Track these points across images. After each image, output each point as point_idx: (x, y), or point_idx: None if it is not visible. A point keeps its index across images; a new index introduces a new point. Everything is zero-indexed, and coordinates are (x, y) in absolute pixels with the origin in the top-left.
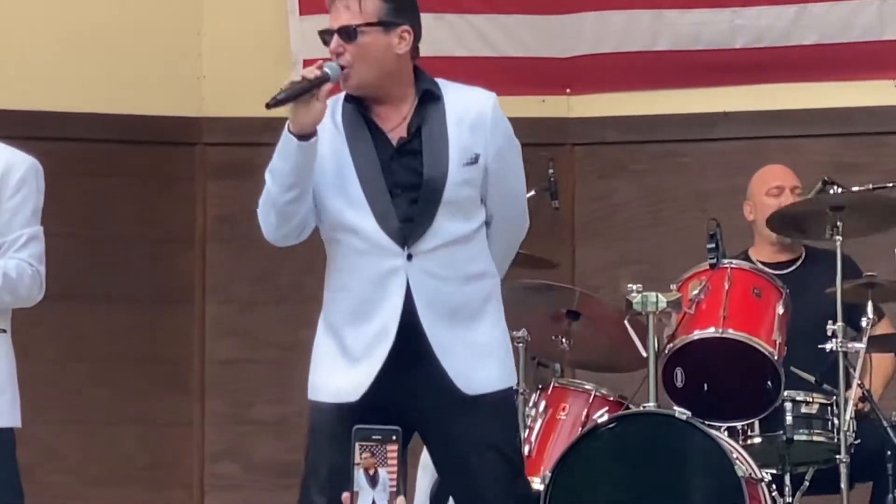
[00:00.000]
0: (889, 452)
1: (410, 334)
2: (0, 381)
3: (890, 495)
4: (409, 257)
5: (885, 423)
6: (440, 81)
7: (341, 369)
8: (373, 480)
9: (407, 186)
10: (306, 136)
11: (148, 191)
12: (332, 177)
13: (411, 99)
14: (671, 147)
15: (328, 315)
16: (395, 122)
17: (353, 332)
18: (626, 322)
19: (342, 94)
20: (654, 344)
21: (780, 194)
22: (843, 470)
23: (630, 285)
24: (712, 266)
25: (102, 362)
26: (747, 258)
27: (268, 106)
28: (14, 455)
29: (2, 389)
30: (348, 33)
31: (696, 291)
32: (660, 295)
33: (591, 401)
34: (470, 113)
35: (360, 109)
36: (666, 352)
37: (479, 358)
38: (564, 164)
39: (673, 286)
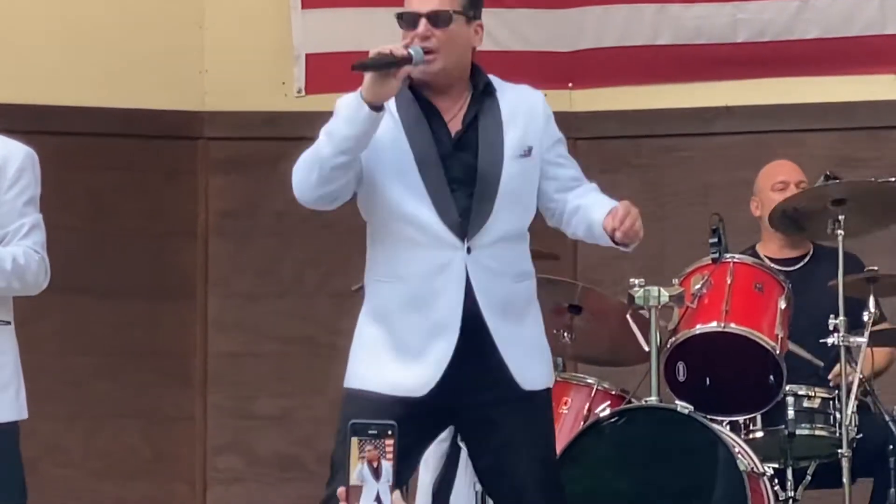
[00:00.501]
0: (891, 447)
1: (472, 328)
2: (5, 375)
3: (892, 489)
4: (469, 251)
5: (886, 418)
6: (494, 79)
7: (396, 361)
8: (376, 473)
9: (463, 180)
10: (378, 106)
11: (150, 185)
12: (390, 165)
13: (466, 93)
14: (673, 141)
15: (376, 304)
16: (452, 114)
17: (407, 323)
18: (628, 316)
19: None
20: (656, 338)
21: (785, 189)
22: (844, 464)
23: (632, 279)
24: (714, 260)
25: (105, 356)
26: (755, 253)
27: (353, 68)
28: (18, 449)
29: (7, 383)
30: (441, 18)
31: (698, 286)
32: (662, 289)
33: (593, 395)
34: (522, 107)
35: (419, 99)
36: (668, 346)
37: (530, 355)
38: None
39: (675, 280)
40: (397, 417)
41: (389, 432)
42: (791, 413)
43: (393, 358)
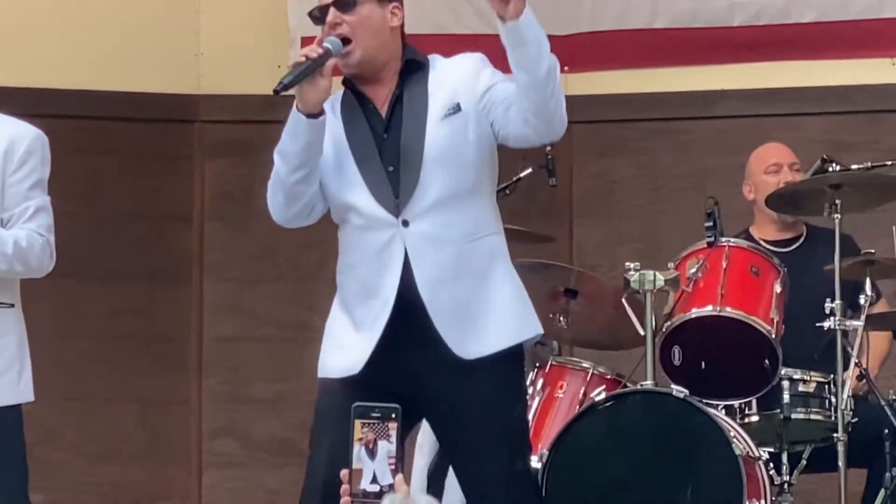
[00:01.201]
0: (886, 431)
1: (408, 302)
2: (8, 357)
3: (888, 474)
4: (406, 224)
5: (882, 403)
6: (433, 57)
7: (349, 345)
8: (372, 453)
9: (396, 159)
10: (315, 114)
11: (146, 169)
12: (331, 161)
13: (396, 73)
14: (669, 125)
15: (340, 295)
16: (383, 98)
17: (361, 310)
18: (623, 300)
19: (339, 93)
20: (651, 322)
21: (779, 171)
22: (840, 448)
23: (628, 263)
24: (710, 244)
25: (100, 340)
26: (749, 236)
27: (275, 92)
28: (20, 433)
29: (9, 365)
30: (346, 4)
31: (693, 270)
32: (657, 273)
33: (588, 379)
34: (452, 72)
35: (354, 91)
36: (663, 330)
37: (479, 321)
38: (562, 141)
39: (671, 264)
40: (344, 399)
41: (393, 415)
42: (786, 397)
43: (339, 340)
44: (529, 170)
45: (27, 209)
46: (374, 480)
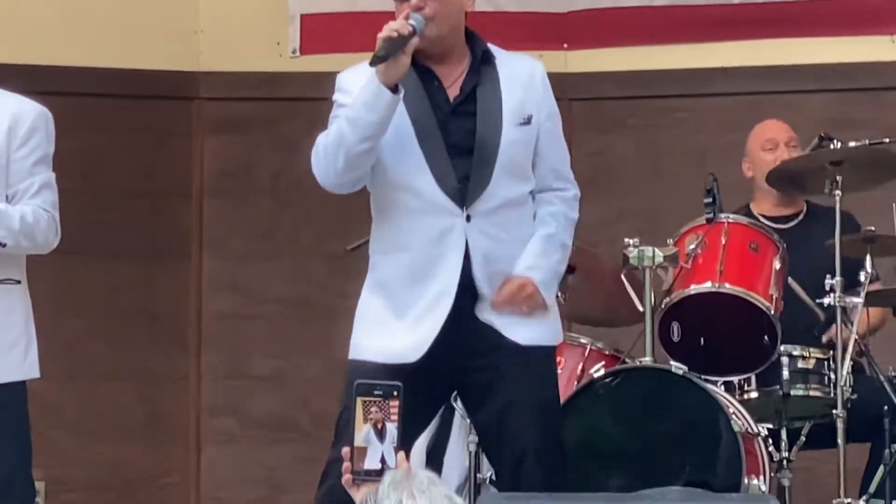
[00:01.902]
0: (886, 408)
1: (468, 295)
2: (15, 334)
3: (887, 450)
4: (468, 218)
5: (882, 379)
6: (490, 45)
7: (398, 330)
8: (381, 435)
9: (463, 148)
10: (395, 88)
11: (145, 146)
12: (390, 135)
13: (466, 60)
14: (669, 102)
15: (379, 275)
16: (450, 81)
17: (410, 293)
18: (622, 276)
19: None
20: (650, 298)
21: (776, 148)
22: (839, 425)
23: (627, 240)
24: (709, 221)
25: (99, 317)
26: (749, 212)
27: (371, 64)
28: (25, 409)
29: (15, 342)
30: None
31: (692, 246)
32: (656, 249)
33: (587, 355)
34: (522, 76)
35: (417, 67)
36: (662, 306)
37: (527, 315)
38: (562, 119)
39: (670, 241)
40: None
41: (395, 393)
42: (786, 374)
43: (391, 327)
44: None
45: (32, 185)
46: (383, 460)
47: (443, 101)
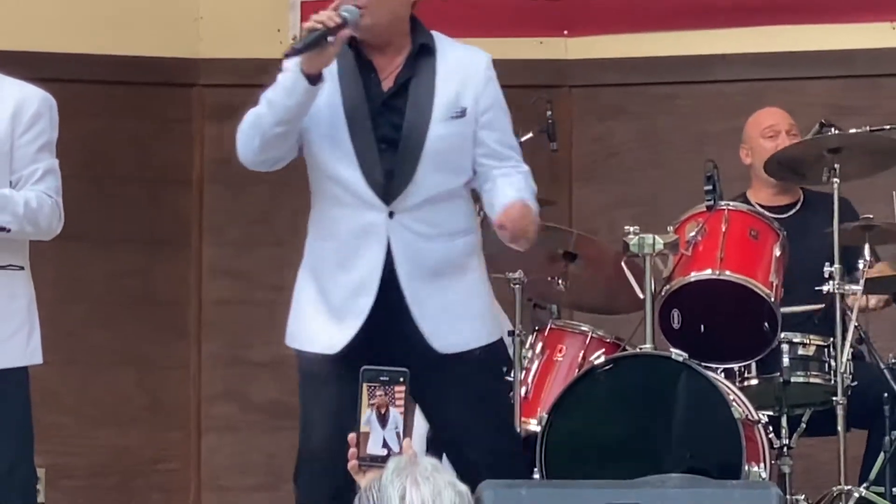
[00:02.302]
0: (886, 395)
1: (389, 291)
2: (18, 320)
3: (887, 437)
4: (391, 214)
5: (882, 367)
6: (436, 35)
7: (322, 320)
8: (383, 420)
9: (391, 141)
10: (315, 77)
11: (145, 132)
12: (323, 122)
13: (406, 51)
14: (669, 89)
15: (310, 262)
16: (387, 73)
17: (334, 283)
18: (622, 264)
19: None
20: (650, 286)
21: (776, 136)
22: (839, 412)
23: (627, 227)
24: (709, 208)
25: (99, 304)
26: (745, 200)
27: (286, 56)
28: (27, 395)
29: (19, 327)
30: None
31: (693, 233)
32: (657, 237)
33: (587, 342)
34: (462, 68)
35: (357, 56)
36: (663, 293)
37: (458, 317)
38: (562, 106)
39: (670, 228)
40: (325, 373)
41: (401, 379)
42: (786, 361)
43: (317, 315)
44: (530, 134)
45: (35, 171)
46: (386, 445)
47: (376, 94)
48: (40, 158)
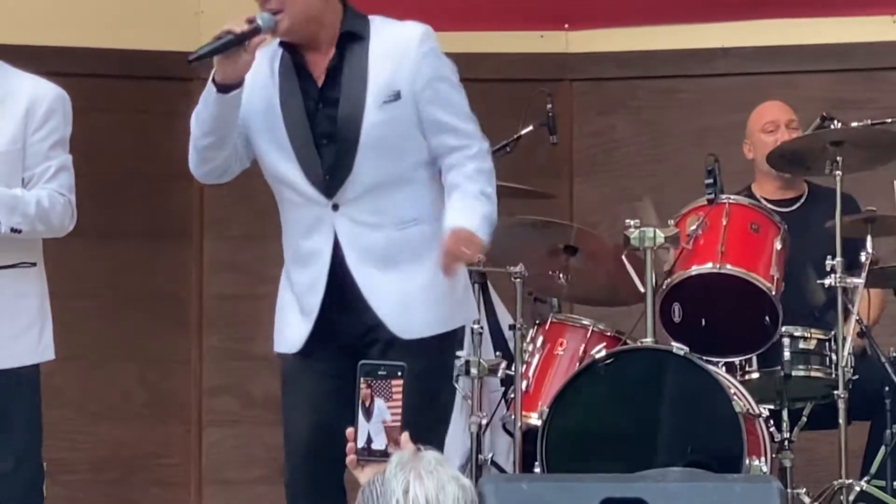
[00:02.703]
0: (887, 388)
1: (342, 283)
2: (29, 317)
3: (888, 431)
4: (336, 207)
5: (883, 360)
6: (374, 19)
7: (288, 320)
8: (367, 412)
9: (330, 135)
10: (229, 87)
11: (146, 126)
12: (263, 126)
13: (334, 42)
14: (670, 83)
15: (286, 263)
16: (319, 69)
17: (297, 281)
18: (623, 257)
19: (281, 50)
20: (651, 279)
21: (776, 130)
22: (841, 405)
23: (628, 221)
24: (710, 201)
25: (100, 298)
26: (750, 194)
27: (189, 62)
28: (38, 393)
29: (30, 325)
30: None
31: (693, 227)
32: (657, 230)
33: (588, 336)
34: (395, 47)
35: (292, 56)
36: (664, 287)
37: (414, 303)
38: (563, 99)
39: (671, 221)
40: (295, 371)
41: (399, 373)
42: (787, 354)
43: (284, 316)
44: (530, 128)
45: (48, 169)
46: (368, 440)
47: (312, 91)
48: (53, 156)
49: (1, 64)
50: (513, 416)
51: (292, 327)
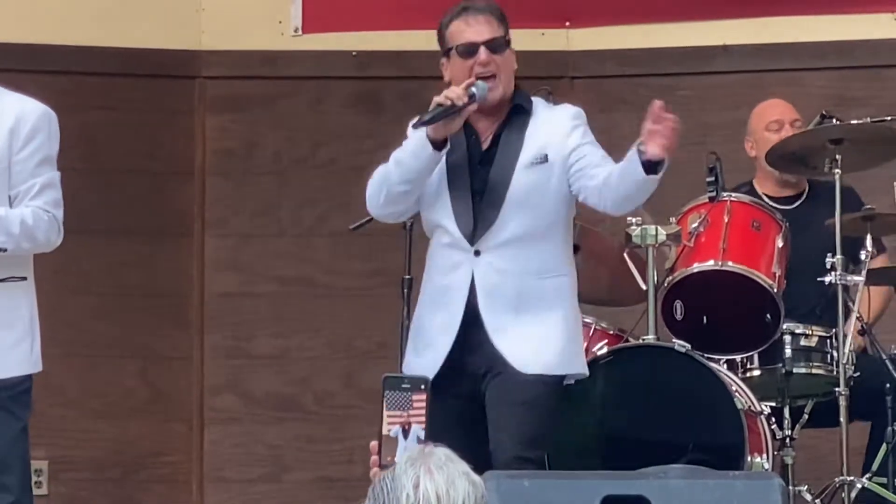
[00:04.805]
0: (888, 386)
1: (473, 323)
2: (21, 329)
3: (889, 428)
4: (477, 253)
5: (884, 357)
6: (536, 99)
7: (418, 348)
8: (405, 434)
9: (482, 190)
10: (440, 144)
11: (147, 124)
12: (432, 181)
13: (505, 112)
14: (671, 80)
15: (422, 296)
16: (488, 133)
17: (429, 317)
18: (625, 255)
19: None
20: (653, 277)
21: (781, 129)
22: (842, 403)
23: (630, 218)
24: (711, 199)
25: (101, 296)
26: (752, 190)
27: (413, 126)
28: (29, 401)
29: (22, 337)
30: (498, 44)
31: (695, 224)
32: (659, 228)
33: (590, 334)
34: (549, 123)
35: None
36: (665, 285)
37: (533, 344)
38: (564, 97)
39: (672, 219)
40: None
41: (422, 387)
42: (788, 352)
43: (416, 346)
44: None
45: (33, 186)
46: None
47: (476, 153)
48: (38, 173)
49: None
50: None
51: (425, 355)
